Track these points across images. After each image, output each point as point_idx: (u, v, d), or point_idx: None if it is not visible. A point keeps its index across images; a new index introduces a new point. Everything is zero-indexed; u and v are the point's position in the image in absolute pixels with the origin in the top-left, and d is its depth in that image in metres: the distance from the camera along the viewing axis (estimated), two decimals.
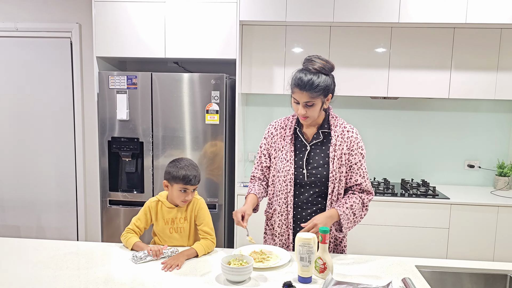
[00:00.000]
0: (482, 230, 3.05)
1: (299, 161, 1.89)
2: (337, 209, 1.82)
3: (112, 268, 1.69)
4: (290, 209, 1.90)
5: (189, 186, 1.87)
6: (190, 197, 1.90)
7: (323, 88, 1.76)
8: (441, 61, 3.16)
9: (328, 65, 1.79)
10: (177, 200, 1.89)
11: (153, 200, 1.97)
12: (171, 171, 1.88)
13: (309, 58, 1.80)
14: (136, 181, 3.12)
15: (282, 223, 1.93)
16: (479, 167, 3.55)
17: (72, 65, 3.70)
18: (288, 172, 1.88)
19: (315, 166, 1.87)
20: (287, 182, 1.89)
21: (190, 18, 3.06)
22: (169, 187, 1.90)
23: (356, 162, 1.87)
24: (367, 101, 3.54)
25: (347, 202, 1.84)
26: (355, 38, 3.18)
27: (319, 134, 1.88)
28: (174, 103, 3.02)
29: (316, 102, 1.78)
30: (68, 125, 3.77)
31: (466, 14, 2.94)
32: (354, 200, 1.85)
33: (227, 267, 1.56)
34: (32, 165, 3.84)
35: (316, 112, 1.81)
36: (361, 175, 1.88)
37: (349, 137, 1.87)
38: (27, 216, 3.91)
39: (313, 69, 1.77)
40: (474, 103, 3.49)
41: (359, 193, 1.89)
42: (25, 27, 3.66)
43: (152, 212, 1.95)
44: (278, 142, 1.94)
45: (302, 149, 1.90)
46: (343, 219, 1.82)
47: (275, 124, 1.99)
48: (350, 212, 1.83)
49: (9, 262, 1.71)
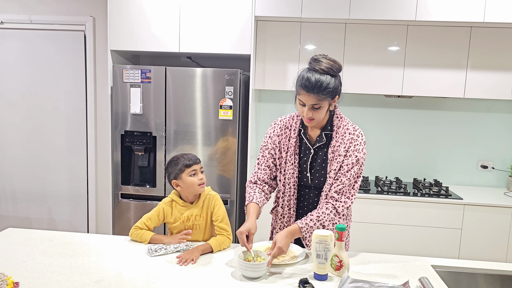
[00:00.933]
0: (495, 231, 3.02)
1: (303, 164, 1.83)
2: (297, 223, 1.73)
3: (127, 260, 1.69)
4: (293, 212, 1.87)
5: (195, 166, 1.88)
6: (202, 177, 1.90)
7: (331, 90, 1.67)
8: (457, 60, 3.12)
9: (336, 65, 1.68)
10: (195, 188, 1.87)
11: (167, 201, 1.94)
12: (173, 168, 1.89)
13: (316, 58, 1.69)
14: (148, 176, 3.13)
15: (284, 225, 1.90)
16: (492, 168, 3.51)
17: (85, 58, 3.72)
18: (292, 175, 1.83)
19: (318, 170, 1.81)
20: (291, 185, 1.84)
21: (205, 13, 3.05)
22: (180, 182, 1.88)
23: (347, 163, 1.74)
24: (381, 100, 3.51)
25: (313, 214, 1.74)
26: (370, 36, 3.15)
27: (322, 137, 1.79)
28: (187, 97, 3.02)
29: (323, 105, 1.68)
30: (81, 118, 3.79)
31: (484, 13, 2.90)
32: (323, 211, 1.73)
33: (243, 263, 1.55)
34: (44, 158, 3.86)
35: (322, 115, 1.72)
36: (347, 178, 1.74)
37: (349, 138, 1.75)
38: (39, 208, 3.94)
39: (321, 69, 1.66)
40: (488, 103, 3.45)
41: (334, 201, 1.75)
42: (39, 20, 3.68)
43: (167, 213, 1.93)
44: (283, 142, 1.86)
45: (306, 152, 1.83)
46: (305, 232, 1.72)
47: (280, 123, 1.89)
48: (316, 224, 1.72)
49: (25, 253, 1.72)
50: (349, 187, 1.77)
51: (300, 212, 1.89)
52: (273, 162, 1.89)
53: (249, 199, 1.83)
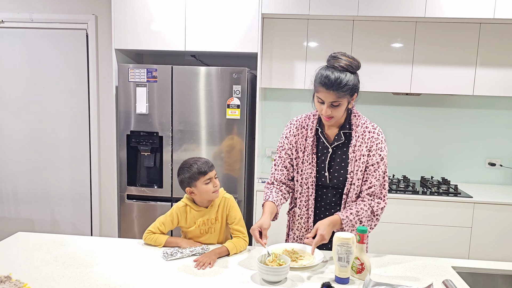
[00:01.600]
0: (506, 229, 3.00)
1: (321, 164, 1.80)
2: (339, 214, 1.72)
3: (144, 265, 1.65)
4: (311, 212, 1.84)
5: (210, 173, 1.82)
6: (217, 184, 1.85)
7: (351, 87, 1.65)
8: (466, 57, 3.09)
9: (355, 62, 1.68)
10: (210, 195, 1.82)
11: (181, 205, 1.88)
12: (185, 176, 1.81)
13: (335, 55, 1.69)
14: (155, 176, 3.08)
15: (301, 226, 1.87)
16: (500, 165, 3.49)
17: (87, 57, 3.66)
18: (310, 175, 1.81)
19: (337, 169, 1.79)
20: (309, 185, 1.82)
21: (211, 11, 3.00)
22: (195, 190, 1.82)
23: (373, 163, 1.74)
24: (389, 97, 3.48)
25: (352, 208, 1.73)
26: (378, 33, 3.12)
27: (340, 136, 1.77)
28: (194, 96, 2.98)
29: (342, 102, 1.67)
30: (83, 118, 3.74)
31: (495, 9, 2.87)
32: (361, 207, 1.73)
33: (264, 267, 1.52)
34: (47, 159, 3.81)
35: (341, 112, 1.71)
36: (376, 178, 1.74)
37: (370, 137, 1.74)
38: (41, 210, 3.89)
39: (340, 66, 1.65)
40: (495, 100, 3.43)
41: (370, 201, 1.75)
42: (40, 18, 3.62)
43: (181, 217, 1.88)
44: (300, 142, 1.84)
45: (324, 151, 1.80)
46: (346, 225, 1.71)
47: (296, 123, 1.87)
48: (355, 218, 1.72)
49: (38, 258, 1.68)
50: (380, 188, 1.77)
51: (317, 213, 1.86)
52: (290, 163, 1.88)
53: (265, 199, 1.83)
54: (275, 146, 3.63)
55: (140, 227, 3.12)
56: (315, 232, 1.67)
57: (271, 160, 3.63)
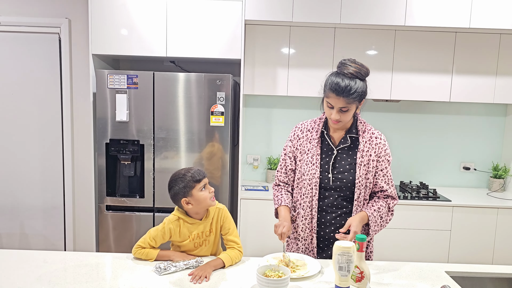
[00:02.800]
0: (482, 232, 3.10)
1: (325, 165, 1.85)
2: (366, 211, 1.80)
3: (135, 281, 1.57)
4: (314, 213, 1.86)
5: (204, 179, 1.78)
6: (212, 189, 1.81)
7: (360, 94, 1.72)
8: (443, 64, 3.19)
9: (363, 69, 1.74)
10: (207, 202, 1.76)
11: (173, 220, 1.79)
12: (180, 186, 1.74)
13: (344, 62, 1.75)
14: (135, 186, 2.97)
15: (305, 227, 1.89)
16: (474, 169, 3.61)
17: (60, 62, 3.51)
18: (314, 176, 1.84)
19: (341, 171, 1.84)
20: (312, 186, 1.85)
21: (193, 16, 2.95)
22: (191, 199, 1.75)
23: (382, 168, 1.85)
24: (368, 104, 3.53)
25: (374, 205, 1.83)
26: (359, 40, 3.16)
27: (346, 139, 1.84)
28: (176, 103, 2.90)
29: (351, 108, 1.74)
30: (56, 126, 3.57)
31: (470, 18, 2.97)
32: (381, 204, 1.84)
33: (264, 279, 1.48)
34: (16, 169, 3.61)
35: (349, 117, 1.78)
36: (386, 182, 1.86)
37: (377, 143, 1.85)
38: (9, 222, 3.67)
39: (349, 73, 1.71)
40: (470, 107, 3.55)
41: (384, 198, 1.88)
42: (9, 21, 3.44)
43: (174, 231, 1.79)
44: (304, 144, 1.89)
45: (328, 153, 1.86)
46: (371, 221, 1.81)
47: (301, 126, 1.94)
48: (377, 215, 1.82)
49: (18, 278, 1.57)
50: (390, 189, 1.87)
51: (319, 216, 1.87)
52: (294, 165, 1.94)
53: (278, 203, 1.91)
54: (257, 153, 3.60)
55: (119, 239, 3.00)
56: (347, 228, 1.72)
57: (252, 167, 3.60)
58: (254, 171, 3.62)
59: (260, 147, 3.60)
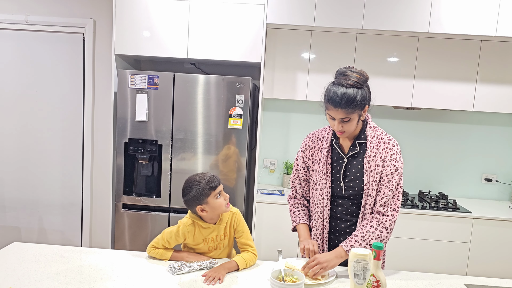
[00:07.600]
0: (504, 245, 3.01)
1: (336, 174, 1.80)
2: (342, 246, 1.69)
3: (150, 279, 1.58)
4: (326, 223, 1.83)
5: (219, 186, 1.76)
6: (227, 196, 1.79)
7: (359, 102, 1.65)
8: (466, 73, 3.12)
9: (363, 78, 1.67)
10: (223, 209, 1.75)
11: (188, 224, 1.78)
12: (195, 193, 1.72)
13: (343, 72, 1.68)
14: (152, 185, 3.00)
15: (317, 237, 1.85)
16: (496, 181, 3.52)
17: (84, 61, 3.57)
18: (325, 185, 1.80)
19: (352, 179, 1.78)
20: (324, 196, 1.80)
21: (215, 19, 2.97)
22: (206, 207, 1.74)
23: (387, 174, 1.71)
24: (389, 111, 3.49)
25: (358, 234, 1.70)
26: (380, 46, 3.13)
27: (355, 145, 1.78)
28: (195, 105, 2.92)
29: (352, 117, 1.67)
30: (77, 124, 3.63)
31: (497, 27, 2.91)
32: (368, 230, 1.70)
33: (278, 283, 1.46)
34: (37, 165, 3.68)
35: (353, 127, 1.71)
36: (389, 188, 1.71)
37: (385, 148, 1.74)
38: (29, 217, 3.75)
39: (347, 84, 1.64)
40: (493, 116, 3.47)
41: (379, 218, 1.72)
42: (36, 21, 3.53)
43: (188, 235, 1.78)
44: (316, 154, 1.85)
45: (339, 161, 1.80)
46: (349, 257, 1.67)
47: (312, 136, 1.90)
48: (362, 244, 1.69)
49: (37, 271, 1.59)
50: (393, 199, 1.73)
51: (333, 225, 1.84)
52: (307, 176, 1.91)
53: (297, 221, 1.90)
54: (273, 157, 3.59)
55: (134, 238, 3.03)
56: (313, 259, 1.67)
57: (269, 171, 3.59)
58: (270, 175, 3.61)
59: (277, 151, 3.59)
